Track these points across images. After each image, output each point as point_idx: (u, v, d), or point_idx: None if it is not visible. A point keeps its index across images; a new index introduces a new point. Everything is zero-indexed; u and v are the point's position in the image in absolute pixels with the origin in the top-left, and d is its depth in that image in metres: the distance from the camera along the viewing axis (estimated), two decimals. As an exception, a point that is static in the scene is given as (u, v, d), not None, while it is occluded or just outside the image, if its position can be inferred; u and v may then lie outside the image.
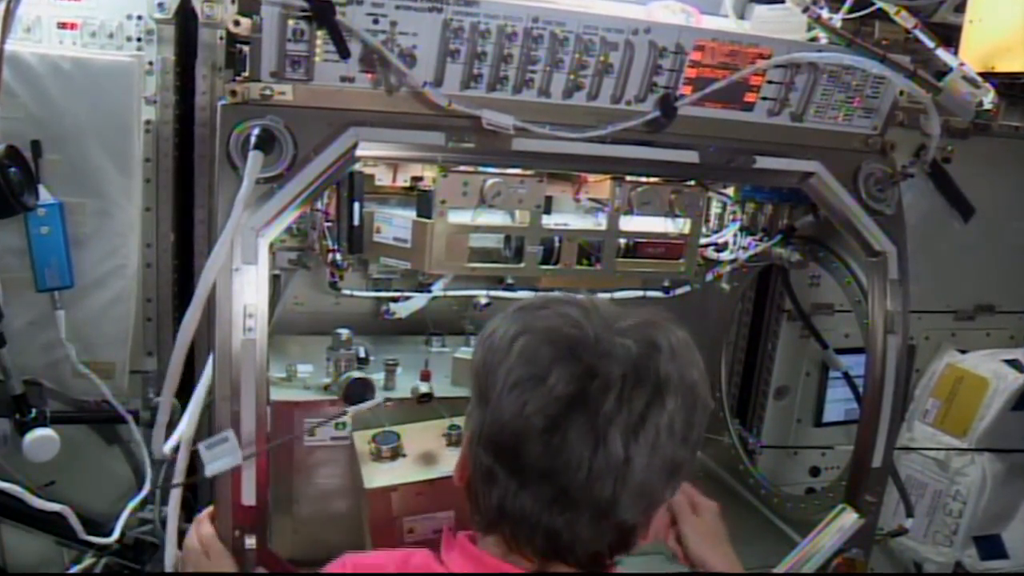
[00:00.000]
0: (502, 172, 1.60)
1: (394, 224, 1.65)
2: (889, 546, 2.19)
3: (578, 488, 0.87)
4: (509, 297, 1.83)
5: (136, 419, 1.69)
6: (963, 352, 2.27)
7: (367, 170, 1.64)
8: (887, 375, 1.72)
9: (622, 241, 1.75)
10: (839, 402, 2.25)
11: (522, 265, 1.69)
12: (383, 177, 1.69)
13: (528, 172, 1.63)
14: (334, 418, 1.62)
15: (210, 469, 1.29)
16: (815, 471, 2.28)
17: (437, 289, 1.81)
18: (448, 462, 1.59)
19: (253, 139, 1.30)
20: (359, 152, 1.39)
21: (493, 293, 1.82)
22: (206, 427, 1.37)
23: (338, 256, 1.63)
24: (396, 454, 1.59)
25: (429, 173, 1.66)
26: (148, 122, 1.66)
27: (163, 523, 1.62)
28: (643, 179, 1.71)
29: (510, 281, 1.77)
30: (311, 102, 1.35)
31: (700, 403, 0.94)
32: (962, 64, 1.63)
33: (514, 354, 0.90)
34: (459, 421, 1.69)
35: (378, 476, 1.53)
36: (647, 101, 1.52)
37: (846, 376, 2.13)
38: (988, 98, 1.65)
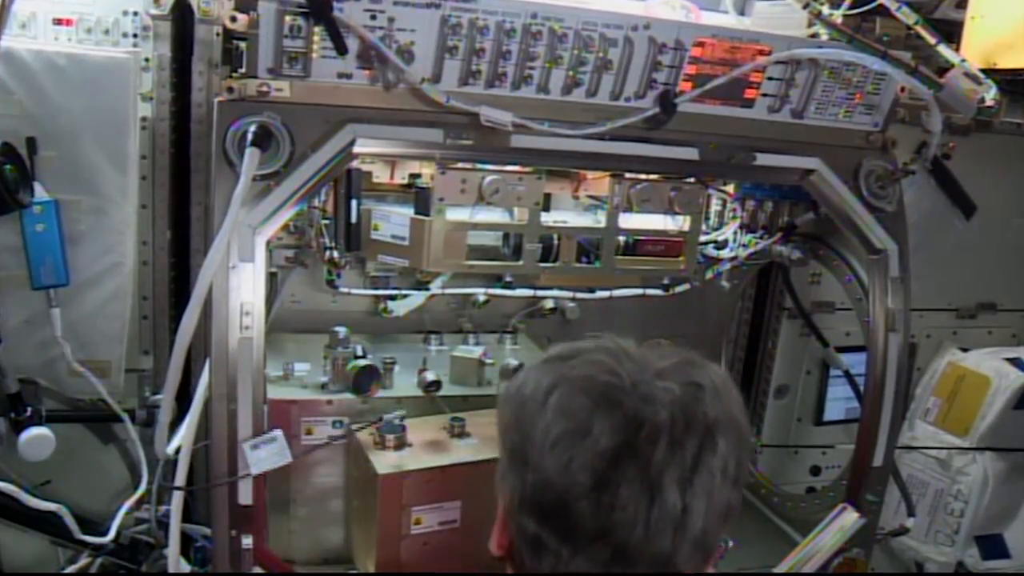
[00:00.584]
0: (500, 169, 1.61)
1: (392, 221, 1.66)
2: (890, 546, 2.20)
3: (636, 545, 0.82)
4: (508, 295, 1.84)
5: (132, 418, 1.70)
6: (965, 350, 2.28)
7: (365, 167, 1.64)
8: (888, 373, 1.73)
9: (621, 239, 1.76)
10: (840, 401, 2.27)
11: (521, 263, 1.70)
12: (381, 174, 1.70)
13: (527, 169, 1.63)
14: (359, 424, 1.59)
15: (256, 468, 1.31)
16: (816, 470, 2.29)
17: (435, 287, 1.82)
18: (456, 452, 1.59)
19: (250, 136, 1.31)
20: (356, 149, 1.40)
21: (491, 291, 1.83)
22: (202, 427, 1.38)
23: (335, 254, 1.64)
24: (401, 443, 1.58)
25: (427, 170, 1.66)
26: (144, 119, 1.67)
27: (159, 523, 1.62)
28: (642, 176, 1.72)
29: (509, 279, 1.78)
30: (308, 99, 1.36)
31: (746, 441, 0.90)
32: (964, 60, 1.65)
33: (550, 409, 0.84)
34: (461, 415, 1.68)
35: (388, 462, 1.52)
36: (646, 98, 1.53)
37: (847, 374, 2.14)
38: (990, 95, 1.66)
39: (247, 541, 1.33)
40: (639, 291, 1.90)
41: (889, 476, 1.79)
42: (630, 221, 1.75)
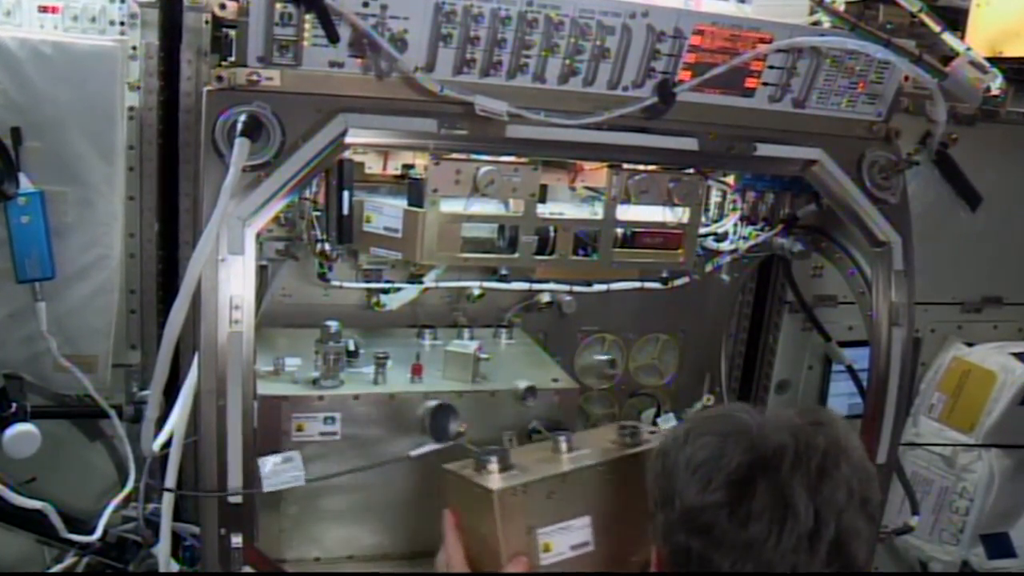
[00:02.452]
0: (496, 160, 1.62)
1: (385, 213, 1.68)
2: (894, 545, 2.21)
3: (774, 557, 0.94)
4: (503, 288, 1.86)
5: (119, 414, 1.71)
6: (970, 345, 2.27)
7: (357, 158, 1.66)
8: (892, 369, 1.74)
9: (619, 231, 1.78)
10: (842, 396, 2.26)
11: (516, 255, 1.72)
12: (373, 165, 1.72)
13: (522, 160, 1.65)
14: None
15: (268, 485, 1.33)
16: None
17: (429, 280, 1.84)
18: (569, 463, 1.43)
19: (239, 126, 1.32)
20: (348, 139, 1.41)
21: (487, 284, 1.85)
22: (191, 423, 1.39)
23: (327, 246, 1.66)
24: (506, 466, 1.40)
25: (421, 161, 1.68)
26: (131, 108, 1.68)
27: (147, 521, 1.63)
28: (640, 167, 1.74)
29: (504, 272, 1.80)
30: (299, 88, 1.37)
31: (872, 477, 1.02)
32: (969, 49, 1.66)
33: (688, 446, 1.02)
34: (565, 432, 1.54)
35: (500, 481, 1.35)
36: (645, 87, 1.54)
37: (850, 370, 2.15)
38: (996, 84, 1.68)
39: (236, 540, 1.34)
40: (637, 284, 1.92)
41: (893, 474, 1.80)
42: (628, 213, 1.77)
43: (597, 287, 1.93)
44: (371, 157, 1.71)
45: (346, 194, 1.62)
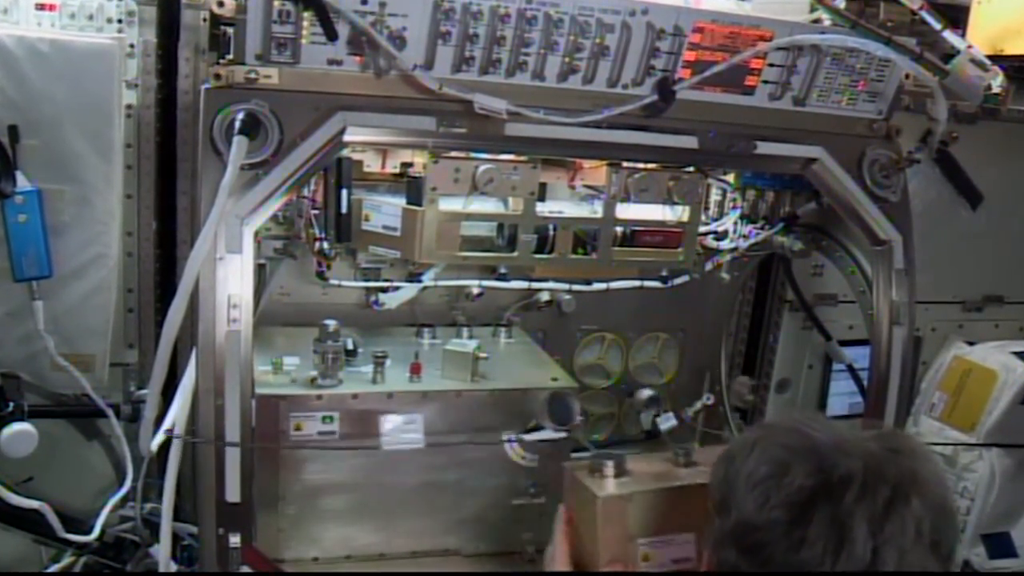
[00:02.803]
0: (495, 158, 1.62)
1: (383, 212, 1.68)
2: None
3: None
4: (502, 287, 1.87)
5: (117, 413, 1.72)
6: (971, 344, 2.27)
7: (355, 156, 1.66)
8: (892, 368, 1.75)
9: (619, 229, 1.78)
10: (843, 396, 2.27)
11: (515, 254, 1.72)
12: (372, 163, 1.72)
13: (521, 158, 1.65)
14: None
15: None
16: None
17: (428, 279, 1.85)
18: (684, 479, 1.42)
19: (237, 124, 1.32)
20: (347, 137, 1.41)
21: (486, 283, 1.86)
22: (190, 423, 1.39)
23: (325, 245, 1.66)
24: (621, 472, 1.40)
25: (419, 159, 1.68)
26: (129, 106, 1.68)
27: (144, 521, 1.64)
28: (640, 165, 1.74)
29: (503, 271, 1.81)
30: (297, 86, 1.38)
31: (948, 514, 0.95)
32: (970, 46, 1.66)
33: (753, 457, 0.98)
34: (685, 445, 1.53)
35: (608, 487, 1.36)
36: (644, 85, 1.55)
37: (850, 369, 2.15)
38: (997, 82, 1.69)
39: (234, 540, 1.34)
40: (636, 283, 1.92)
41: None
42: (628, 211, 1.78)
43: (596, 286, 1.93)
44: (369, 155, 1.71)
45: (344, 192, 1.62)
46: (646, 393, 2.09)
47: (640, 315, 2.20)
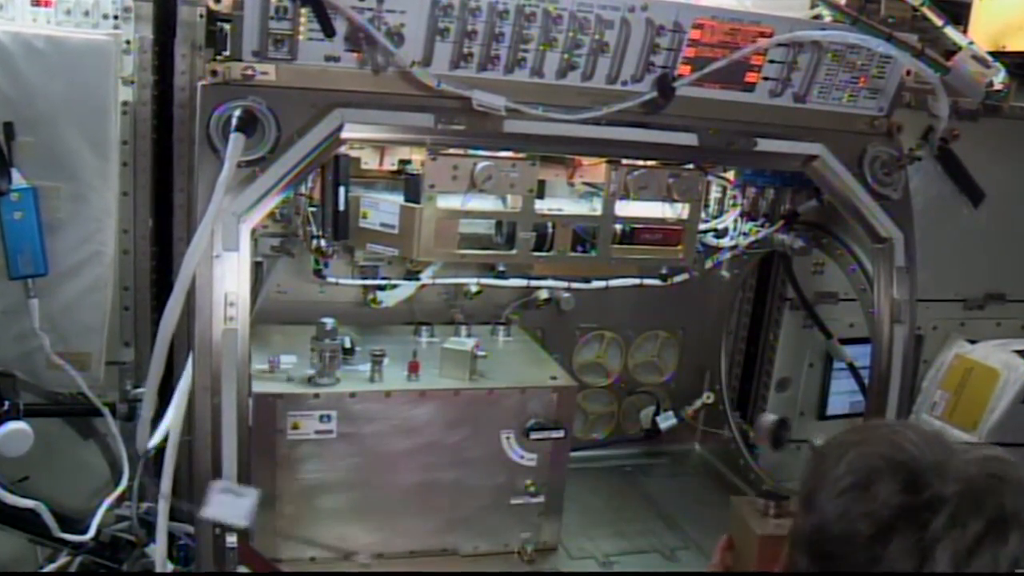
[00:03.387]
0: (493, 155, 1.62)
1: (381, 209, 1.68)
2: None
3: None
4: (501, 285, 1.87)
5: (113, 412, 1.71)
6: (972, 342, 2.27)
7: (353, 153, 1.66)
8: (893, 366, 1.75)
9: (618, 227, 1.79)
10: (843, 394, 2.27)
11: (514, 252, 1.73)
12: (370, 160, 1.72)
13: (520, 156, 1.65)
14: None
15: (207, 511, 1.27)
16: None
17: (426, 277, 1.85)
18: None
19: (234, 121, 1.32)
20: (344, 134, 1.43)
21: (484, 281, 1.86)
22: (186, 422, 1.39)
23: (323, 243, 1.66)
24: (783, 513, 1.44)
25: (417, 156, 1.68)
26: (125, 103, 1.68)
27: (141, 520, 1.64)
28: (640, 163, 1.74)
29: (502, 268, 1.81)
30: (295, 82, 1.38)
31: None
32: (971, 43, 1.66)
33: (844, 463, 0.92)
34: None
35: (768, 527, 1.41)
36: (644, 81, 1.55)
37: (851, 367, 2.15)
38: (999, 78, 1.68)
39: (231, 540, 1.34)
40: (636, 281, 1.92)
41: None
42: (627, 209, 1.78)
43: (596, 284, 1.94)
44: (367, 153, 1.71)
45: (342, 190, 1.63)
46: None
47: (640, 313, 2.21)
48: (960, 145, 1.98)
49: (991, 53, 1.69)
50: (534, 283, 1.91)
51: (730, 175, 1.97)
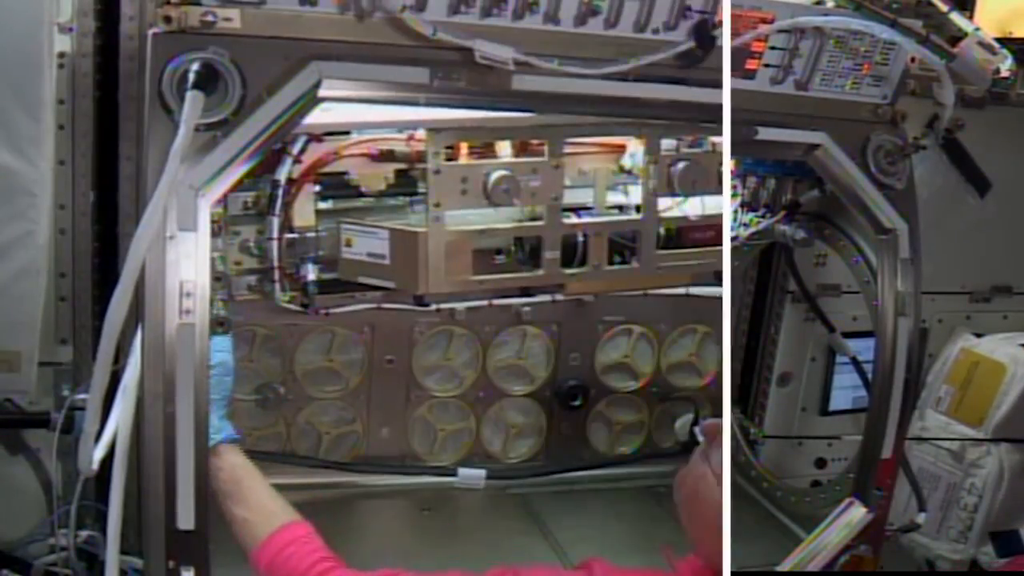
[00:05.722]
0: (509, 161, 1.44)
1: (366, 236, 1.45)
2: (900, 542, 2.15)
3: None
4: (527, 303, 1.69)
5: (47, 422, 1.56)
6: (978, 336, 2.25)
7: (339, 166, 1.46)
8: (898, 360, 1.69)
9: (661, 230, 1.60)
10: (847, 389, 2.21)
11: (540, 272, 1.50)
12: (355, 171, 1.51)
13: (541, 158, 1.47)
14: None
15: None
16: (821, 463, 2.24)
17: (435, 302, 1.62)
18: None
19: (191, 76, 1.17)
20: (322, 92, 1.24)
21: (502, 301, 1.65)
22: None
23: (311, 275, 1.46)
24: None
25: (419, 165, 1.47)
26: (62, 55, 1.53)
27: (79, 552, 1.45)
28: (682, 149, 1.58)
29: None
30: (263, 31, 1.22)
31: None
32: (978, 29, 1.60)
33: None
34: None
35: None
36: (679, 29, 1.40)
37: (854, 361, 2.08)
38: (1005, 65, 1.61)
39: (187, 574, 1.20)
40: (682, 291, 1.76)
41: (899, 469, 1.75)
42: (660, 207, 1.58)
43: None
44: (359, 163, 1.50)
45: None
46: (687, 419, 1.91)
47: (674, 304, 2.00)
48: (966, 134, 1.95)
49: (998, 39, 1.63)
50: (559, 297, 1.69)
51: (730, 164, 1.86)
